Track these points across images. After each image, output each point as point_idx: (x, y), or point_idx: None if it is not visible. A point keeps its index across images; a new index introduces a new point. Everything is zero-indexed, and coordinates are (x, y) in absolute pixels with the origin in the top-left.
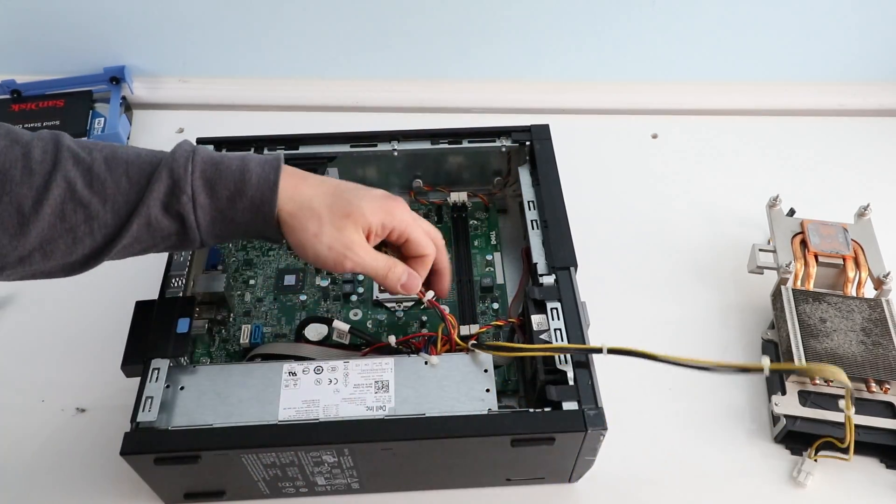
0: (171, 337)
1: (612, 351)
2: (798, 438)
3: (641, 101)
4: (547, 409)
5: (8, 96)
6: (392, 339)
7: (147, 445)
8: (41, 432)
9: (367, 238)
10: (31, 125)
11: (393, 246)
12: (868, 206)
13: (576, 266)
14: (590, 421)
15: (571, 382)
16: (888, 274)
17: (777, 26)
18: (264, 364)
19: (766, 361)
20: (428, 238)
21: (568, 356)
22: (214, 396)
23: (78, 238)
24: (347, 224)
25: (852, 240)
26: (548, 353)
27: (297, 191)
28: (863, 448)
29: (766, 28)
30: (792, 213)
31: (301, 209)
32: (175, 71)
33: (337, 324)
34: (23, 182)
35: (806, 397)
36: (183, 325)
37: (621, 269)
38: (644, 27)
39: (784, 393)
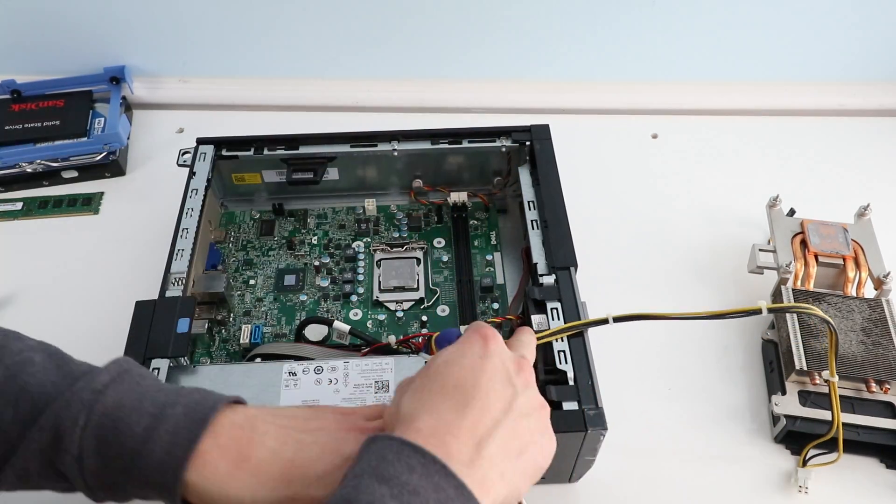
0: (171, 337)
1: (617, 319)
2: (798, 438)
3: (641, 101)
4: None
5: (8, 96)
6: (392, 340)
7: None
8: None
9: None
10: (31, 125)
11: None
12: (868, 206)
13: (576, 266)
14: (590, 421)
15: (571, 382)
16: (888, 274)
17: (777, 26)
18: (264, 364)
19: (762, 304)
20: None
21: (568, 355)
22: None
23: None
24: None
25: (852, 240)
26: (554, 336)
27: (229, 482)
28: (863, 448)
29: (766, 28)
30: (792, 213)
31: None
32: (175, 71)
33: (337, 325)
34: None
35: (806, 397)
36: (183, 325)
37: (621, 269)
38: (644, 27)
39: (784, 393)
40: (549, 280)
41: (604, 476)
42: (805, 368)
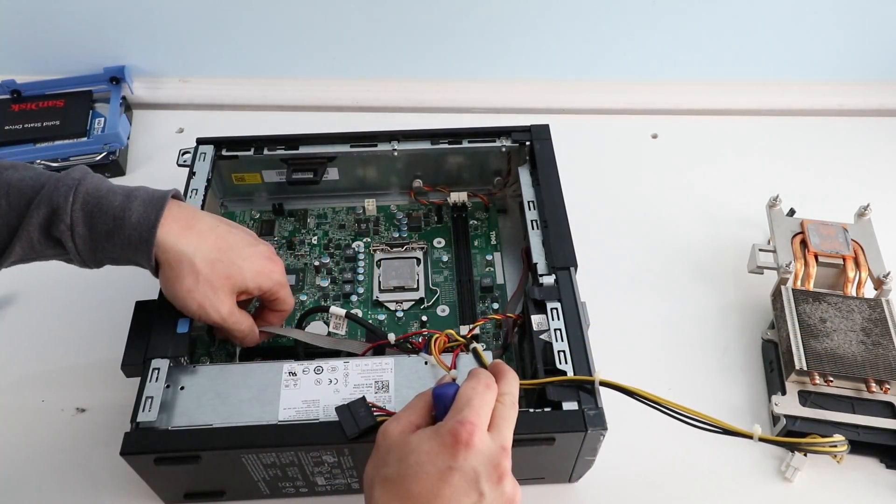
0: (171, 337)
1: (603, 384)
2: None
3: (641, 101)
4: (547, 410)
5: (8, 96)
6: (392, 337)
7: (147, 445)
8: (41, 432)
9: (239, 296)
10: (31, 125)
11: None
12: (868, 206)
13: (576, 266)
14: (590, 421)
15: None
16: (888, 274)
17: (777, 26)
18: (264, 364)
19: (757, 429)
20: (291, 296)
21: (568, 355)
22: (214, 396)
23: None
24: (225, 285)
25: (852, 240)
26: (531, 387)
27: (180, 239)
28: (863, 448)
29: (766, 28)
30: (792, 213)
31: (180, 261)
32: (175, 71)
33: (333, 309)
34: None
35: (806, 397)
36: (183, 325)
37: (621, 269)
38: (644, 27)
39: (784, 393)
40: (549, 280)
41: (604, 476)
42: (805, 368)
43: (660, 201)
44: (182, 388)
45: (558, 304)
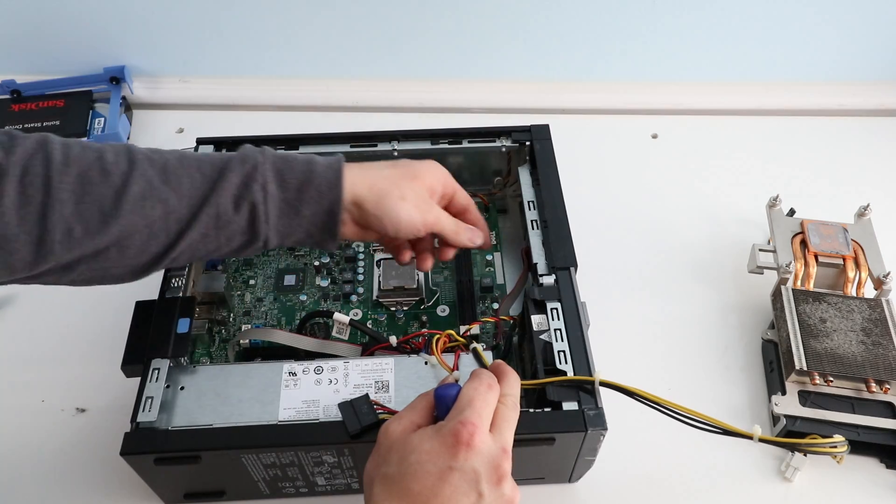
0: (171, 337)
1: (604, 384)
2: (798, 438)
3: (641, 101)
4: (547, 410)
5: (8, 96)
6: (393, 340)
7: (147, 445)
8: (41, 432)
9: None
10: (32, 125)
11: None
12: (868, 206)
13: (576, 266)
14: (590, 421)
15: None
16: (888, 274)
17: (777, 26)
18: (264, 364)
19: (757, 429)
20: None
21: (568, 355)
22: (214, 396)
23: (153, 233)
24: (418, 185)
25: (852, 240)
26: (533, 387)
27: (363, 173)
28: (863, 448)
29: (766, 28)
30: (792, 213)
31: (374, 185)
32: (175, 71)
33: (337, 316)
34: (101, 182)
35: (806, 397)
36: (183, 325)
37: (621, 269)
38: (644, 27)
39: (784, 393)
40: (549, 280)
41: (604, 476)
42: (805, 368)
43: (660, 201)
44: (182, 388)
45: (558, 304)
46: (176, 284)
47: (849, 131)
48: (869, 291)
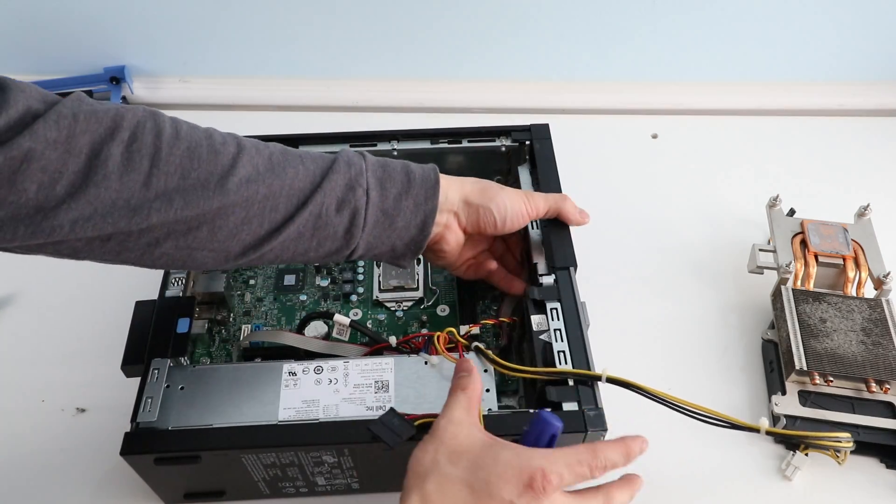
0: (171, 337)
1: (610, 380)
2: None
3: (641, 101)
4: (547, 410)
5: None
6: (392, 340)
7: (147, 445)
8: (41, 432)
9: None
10: None
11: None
12: (868, 206)
13: (575, 266)
14: (590, 422)
15: (571, 383)
16: (888, 274)
17: (777, 26)
18: (264, 364)
19: (763, 422)
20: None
21: (568, 355)
22: (214, 396)
23: (250, 217)
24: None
25: (852, 240)
26: (543, 377)
27: (453, 185)
28: (863, 448)
29: (766, 28)
30: (792, 213)
31: (472, 184)
32: (175, 71)
33: (337, 317)
34: (210, 161)
35: (806, 397)
36: (183, 325)
37: (621, 269)
38: (644, 27)
39: (784, 393)
40: (548, 280)
41: (604, 476)
42: (805, 368)
43: (660, 201)
44: (182, 388)
45: (558, 304)
46: (176, 284)
47: (849, 131)
48: (869, 291)
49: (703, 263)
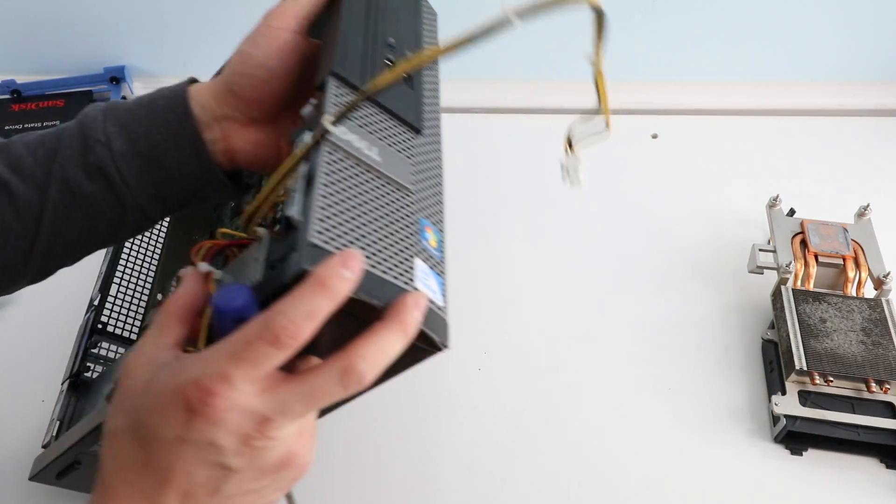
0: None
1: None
2: (798, 438)
3: (641, 101)
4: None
5: (8, 96)
6: None
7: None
8: (41, 432)
9: None
10: (32, 125)
11: None
12: (868, 206)
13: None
14: (286, 268)
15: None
16: (888, 274)
17: (777, 26)
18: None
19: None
20: None
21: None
22: None
23: (5, 223)
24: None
25: (852, 240)
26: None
27: (208, 86)
28: (863, 448)
29: (767, 28)
30: (792, 213)
31: (231, 74)
32: (175, 71)
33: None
34: None
35: (806, 397)
36: None
37: (621, 269)
38: (644, 27)
39: (784, 393)
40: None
41: (603, 475)
42: (805, 368)
43: (660, 201)
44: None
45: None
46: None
47: (849, 131)
48: (869, 291)
49: (703, 263)
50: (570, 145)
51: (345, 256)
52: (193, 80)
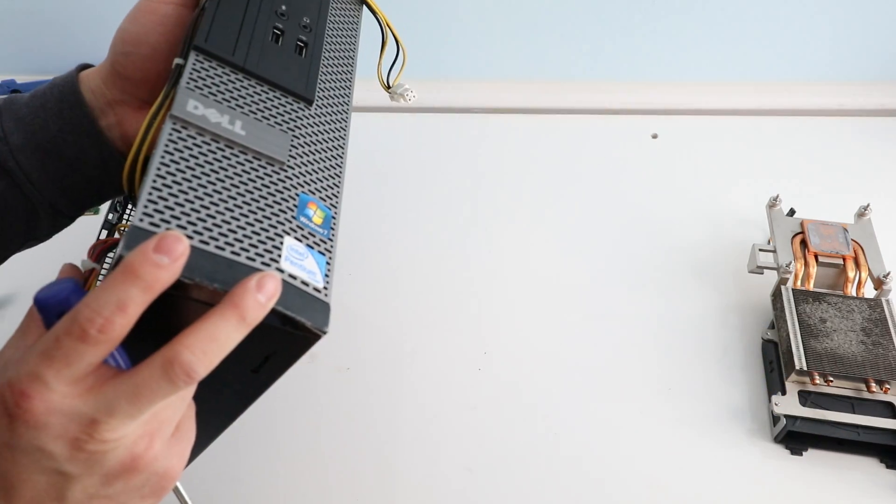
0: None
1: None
2: (798, 438)
3: (641, 101)
4: None
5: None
6: None
7: None
8: None
9: None
10: None
11: None
12: (868, 206)
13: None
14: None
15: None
16: (888, 274)
17: (776, 26)
18: None
19: None
20: None
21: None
22: None
23: None
24: None
25: (852, 240)
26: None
27: (97, 70)
28: (863, 448)
29: (766, 28)
30: (792, 213)
31: (113, 57)
32: None
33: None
34: None
35: (806, 397)
36: None
37: (622, 269)
38: (644, 27)
39: (784, 393)
40: None
41: (603, 475)
42: (805, 368)
43: (660, 201)
44: None
45: None
46: None
47: (849, 131)
48: (869, 291)
49: (703, 264)
50: (388, 86)
51: (161, 239)
52: (86, 66)
